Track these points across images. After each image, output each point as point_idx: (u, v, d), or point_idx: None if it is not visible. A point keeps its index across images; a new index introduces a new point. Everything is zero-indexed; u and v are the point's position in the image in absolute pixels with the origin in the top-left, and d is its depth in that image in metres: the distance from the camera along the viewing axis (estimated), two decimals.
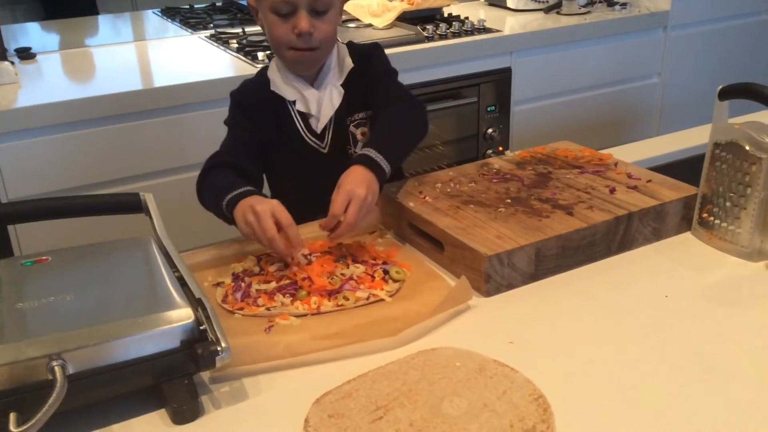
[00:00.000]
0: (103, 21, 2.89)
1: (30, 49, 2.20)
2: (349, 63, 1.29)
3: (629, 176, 1.20)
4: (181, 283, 0.85)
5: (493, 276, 0.98)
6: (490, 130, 2.36)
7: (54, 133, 1.75)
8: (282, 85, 1.28)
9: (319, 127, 1.28)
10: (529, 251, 1.00)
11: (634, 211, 1.08)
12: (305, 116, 1.29)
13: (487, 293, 0.99)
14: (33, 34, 2.60)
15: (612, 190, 1.14)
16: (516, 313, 0.97)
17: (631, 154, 1.39)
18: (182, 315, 0.78)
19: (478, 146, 2.38)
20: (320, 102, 1.28)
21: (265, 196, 1.10)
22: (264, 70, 1.33)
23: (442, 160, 2.32)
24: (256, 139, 1.28)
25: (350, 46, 1.33)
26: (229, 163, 1.20)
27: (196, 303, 0.81)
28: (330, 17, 1.21)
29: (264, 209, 1.02)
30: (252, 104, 1.29)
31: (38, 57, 2.17)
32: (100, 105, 1.77)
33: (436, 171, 1.28)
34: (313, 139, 1.29)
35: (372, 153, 1.12)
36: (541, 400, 0.79)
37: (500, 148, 2.41)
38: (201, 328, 0.78)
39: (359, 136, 1.31)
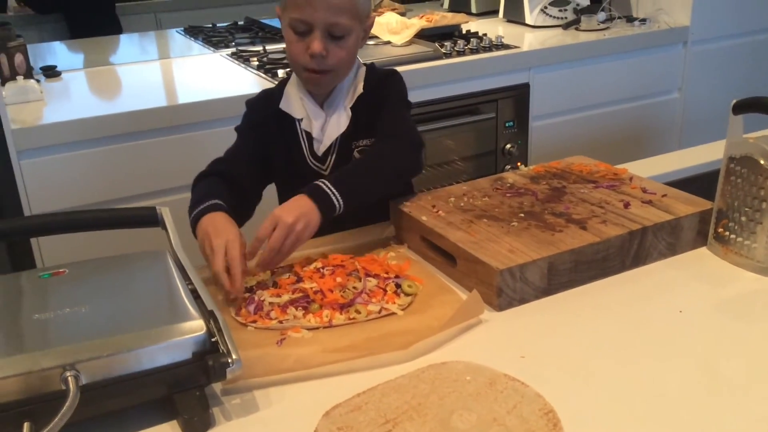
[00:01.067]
0: (129, 40, 2.95)
1: (55, 67, 2.24)
2: (359, 88, 1.27)
3: (644, 191, 1.19)
4: (195, 295, 0.86)
5: (505, 290, 0.98)
6: (508, 146, 2.36)
7: (77, 149, 1.78)
8: (293, 101, 1.28)
9: (320, 150, 1.28)
10: (542, 265, 1.00)
11: (648, 226, 1.07)
12: (311, 137, 1.28)
13: (499, 307, 0.99)
14: (59, 52, 2.66)
15: (626, 205, 1.14)
16: (528, 328, 0.97)
17: (646, 169, 1.39)
18: (194, 327, 0.79)
19: (496, 162, 2.38)
20: (326, 124, 1.27)
21: (227, 212, 1.11)
22: (285, 81, 1.33)
23: (460, 175, 2.32)
24: (259, 153, 1.28)
25: (370, 69, 1.31)
26: (225, 171, 1.21)
27: (208, 315, 0.82)
28: (346, 43, 1.20)
29: (218, 244, 1.03)
30: (262, 117, 1.30)
31: (63, 75, 2.22)
32: (122, 122, 1.81)
33: (450, 186, 1.29)
34: (315, 162, 1.29)
35: (325, 185, 1.11)
36: (551, 414, 0.78)
37: (519, 164, 2.39)
38: (213, 340, 0.79)
39: None
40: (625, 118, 2.58)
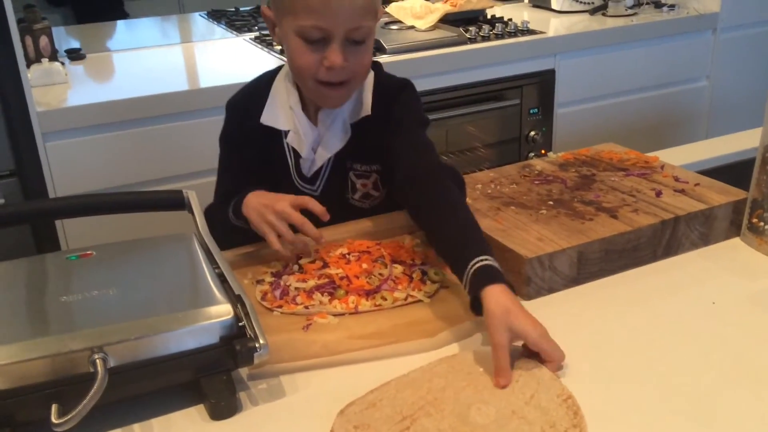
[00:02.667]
0: (151, 23, 2.95)
1: (80, 50, 2.25)
2: (366, 106, 1.11)
3: (676, 179, 1.17)
4: (221, 279, 0.85)
5: (534, 279, 0.97)
6: (532, 133, 2.34)
7: (102, 132, 1.79)
8: (279, 109, 1.11)
9: (309, 171, 1.13)
10: (572, 254, 0.98)
11: (681, 215, 1.05)
12: (298, 152, 1.13)
13: (528, 296, 0.98)
14: (83, 35, 2.66)
15: (658, 194, 1.12)
16: (556, 318, 0.95)
17: (678, 157, 1.36)
18: (222, 311, 0.78)
19: (520, 149, 2.35)
20: (317, 141, 1.11)
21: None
22: (263, 78, 1.17)
23: (483, 162, 2.30)
24: (252, 161, 1.15)
25: (380, 77, 1.14)
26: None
27: (235, 299, 0.81)
28: (366, 48, 1.04)
29: (284, 206, 0.99)
30: (243, 131, 1.14)
31: (88, 57, 2.22)
32: (146, 105, 1.81)
33: (477, 173, 1.27)
34: (301, 183, 1.15)
35: (493, 263, 0.87)
36: (570, 401, 0.77)
37: (543, 151, 2.38)
38: (240, 324, 0.79)
39: (359, 186, 1.15)
40: (652, 106, 2.54)
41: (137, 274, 0.86)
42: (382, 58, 2.06)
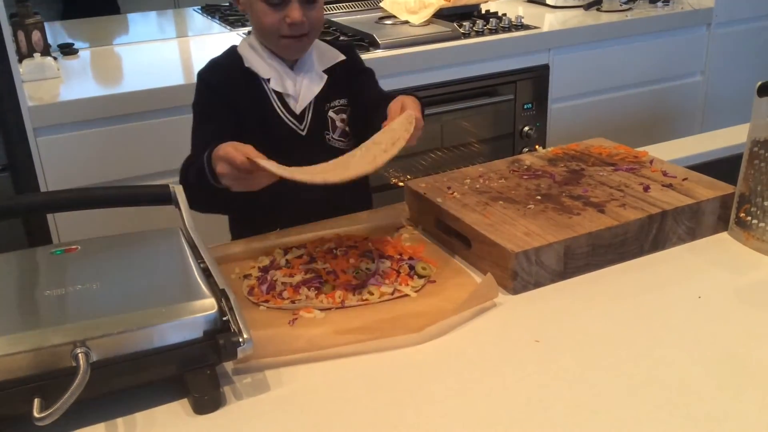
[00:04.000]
0: (146, 18, 2.94)
1: (73, 45, 2.24)
2: (338, 54, 1.32)
3: (664, 174, 1.17)
4: (206, 274, 0.85)
5: (521, 273, 0.97)
6: (526, 128, 2.33)
7: (94, 127, 1.78)
8: (258, 62, 1.27)
9: (298, 108, 1.28)
10: (558, 249, 0.98)
11: (668, 210, 1.05)
12: (281, 97, 1.28)
13: (514, 291, 0.98)
14: (76, 30, 2.65)
15: (646, 188, 1.12)
16: (543, 312, 0.95)
17: (667, 152, 1.36)
18: (206, 305, 0.78)
19: (514, 144, 2.35)
20: (299, 84, 1.28)
21: None
22: (233, 48, 1.32)
23: (477, 158, 2.30)
24: (232, 124, 1.24)
25: (325, 41, 1.36)
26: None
27: (220, 294, 0.81)
28: (319, 4, 1.24)
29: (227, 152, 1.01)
30: (224, 83, 1.27)
31: (81, 53, 2.22)
32: (139, 100, 1.80)
33: (466, 167, 1.27)
34: (292, 119, 1.28)
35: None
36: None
37: (537, 146, 2.37)
38: (224, 319, 0.79)
39: (338, 123, 1.31)
40: (646, 101, 2.54)
41: (122, 269, 0.86)
42: (376, 53, 2.06)
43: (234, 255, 1.10)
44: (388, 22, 2.34)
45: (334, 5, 2.49)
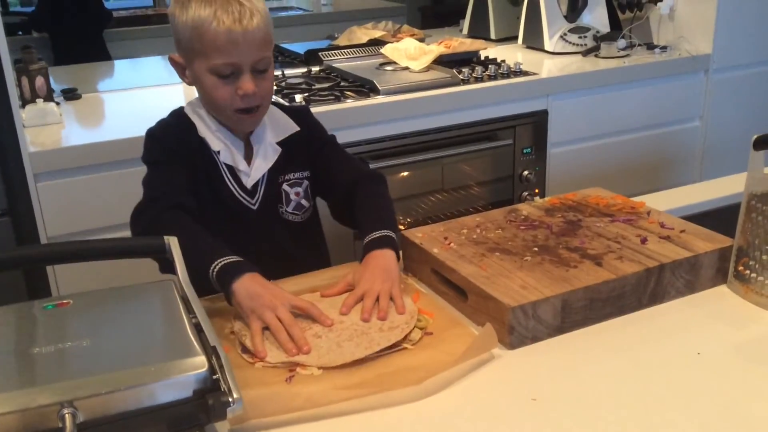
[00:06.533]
0: (145, 63, 2.98)
1: (76, 90, 2.26)
2: (291, 124, 1.28)
3: (662, 226, 1.16)
4: (198, 329, 0.84)
5: (517, 328, 0.96)
6: (526, 173, 2.34)
7: (94, 172, 1.78)
8: (206, 132, 1.23)
9: (249, 183, 1.24)
10: (555, 303, 0.97)
11: (666, 263, 1.04)
12: (233, 169, 1.24)
13: (511, 346, 0.97)
14: (78, 75, 2.68)
15: (643, 240, 1.11)
16: (540, 368, 0.94)
17: (665, 201, 1.36)
18: (196, 364, 0.77)
19: (513, 188, 2.35)
20: (254, 157, 1.24)
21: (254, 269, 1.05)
22: (179, 111, 1.28)
23: (476, 201, 2.30)
24: (188, 179, 1.20)
25: (275, 104, 1.31)
26: (183, 204, 1.14)
27: (211, 351, 0.80)
28: (269, 75, 1.21)
29: (285, 315, 0.98)
30: (177, 144, 1.22)
31: (84, 97, 2.23)
32: (140, 145, 1.80)
33: (465, 216, 1.27)
34: (242, 194, 1.25)
35: (388, 234, 1.13)
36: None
37: (536, 191, 2.38)
38: (214, 377, 0.77)
39: (293, 196, 1.29)
40: (645, 146, 2.54)
41: (113, 324, 0.85)
42: (377, 99, 2.07)
43: (230, 308, 1.08)
44: (389, 68, 2.37)
45: (335, 51, 2.52)
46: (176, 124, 1.26)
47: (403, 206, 2.19)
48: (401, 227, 2.18)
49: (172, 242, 0.98)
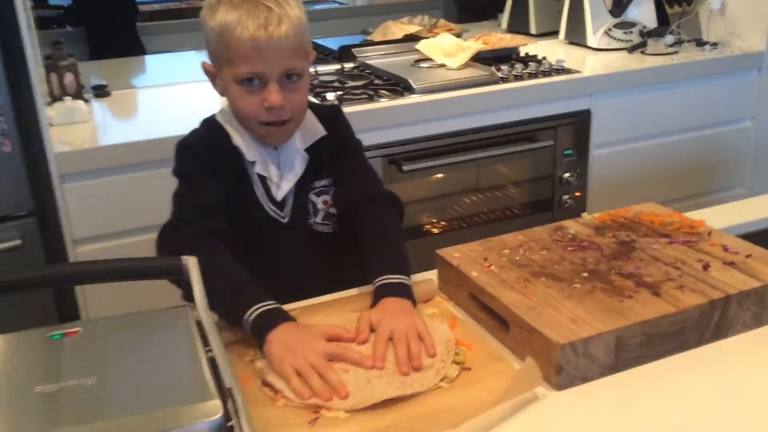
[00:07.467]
0: (179, 58, 2.92)
1: (106, 86, 2.22)
2: (319, 129, 1.21)
3: (725, 249, 1.06)
4: (214, 364, 0.77)
5: (566, 367, 0.87)
6: (567, 175, 2.24)
7: (121, 173, 1.74)
8: (240, 141, 1.16)
9: (279, 196, 1.17)
10: (609, 339, 0.88)
11: (732, 294, 0.94)
12: (265, 181, 1.17)
13: (559, 386, 0.88)
14: (109, 70, 2.64)
15: (706, 267, 1.01)
16: (592, 411, 0.84)
17: (724, 218, 1.25)
18: (209, 409, 0.69)
19: (553, 191, 2.26)
20: (283, 167, 1.18)
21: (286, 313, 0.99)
22: (212, 120, 1.21)
23: (514, 204, 2.21)
24: (221, 196, 1.14)
25: (312, 106, 1.24)
26: (217, 230, 1.07)
27: (227, 392, 0.73)
28: (302, 86, 1.13)
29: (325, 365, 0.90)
30: (210, 155, 1.16)
31: (114, 94, 2.19)
32: (168, 146, 1.75)
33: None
34: (273, 207, 1.18)
35: (401, 279, 1.04)
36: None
37: (577, 194, 2.28)
38: (229, 425, 0.70)
39: (320, 205, 1.21)
40: (693, 148, 2.43)
41: (122, 358, 0.78)
42: (411, 98, 1.99)
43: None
44: (424, 65, 2.28)
45: (369, 47, 2.44)
46: (208, 134, 1.20)
47: (437, 207, 2.12)
48: (434, 231, 2.14)
49: (191, 262, 0.90)
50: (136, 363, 0.77)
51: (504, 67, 2.17)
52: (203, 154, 1.16)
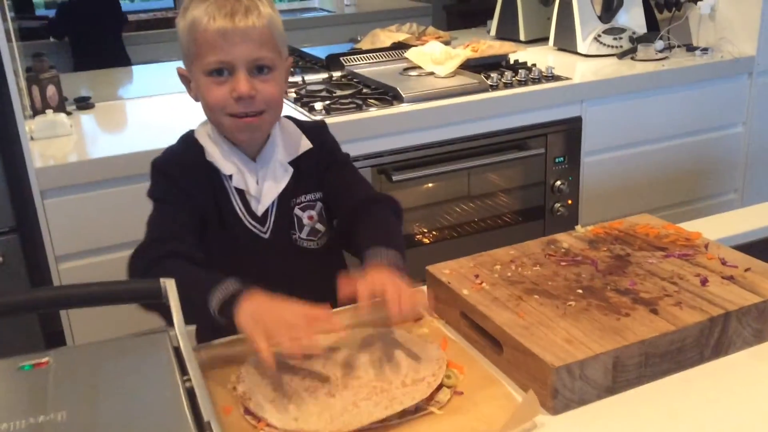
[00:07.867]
0: (162, 69, 2.88)
1: (89, 98, 2.18)
2: (305, 142, 1.18)
3: (723, 262, 1.03)
4: (192, 394, 0.73)
5: (562, 391, 0.83)
6: (558, 182, 2.22)
7: (103, 188, 1.71)
8: (217, 155, 1.13)
9: (260, 210, 1.14)
10: (606, 361, 0.84)
11: (731, 310, 0.91)
12: (243, 195, 1.14)
13: (555, 410, 0.84)
14: (92, 82, 2.60)
15: (704, 281, 0.98)
16: None
17: (720, 228, 1.22)
18: None
19: (545, 199, 2.23)
20: (262, 181, 1.14)
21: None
22: (189, 135, 1.19)
23: (505, 212, 2.19)
24: (194, 218, 1.11)
25: (296, 121, 1.22)
26: (184, 252, 1.04)
27: (204, 427, 0.69)
28: (274, 78, 1.10)
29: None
30: (184, 175, 1.13)
31: (97, 106, 2.15)
32: (148, 160, 1.71)
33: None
34: (253, 222, 1.15)
35: (395, 256, 1.02)
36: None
37: (569, 201, 2.25)
38: None
39: (306, 220, 1.18)
40: (685, 154, 2.41)
41: (94, 391, 0.74)
42: (400, 107, 1.96)
43: (232, 356, 0.97)
44: (413, 73, 2.25)
45: (357, 56, 2.40)
46: (183, 151, 1.18)
47: (428, 216, 2.09)
48: (425, 240, 2.11)
49: (169, 285, 0.87)
50: (110, 395, 0.73)
51: (493, 75, 2.15)
52: (176, 175, 1.13)
